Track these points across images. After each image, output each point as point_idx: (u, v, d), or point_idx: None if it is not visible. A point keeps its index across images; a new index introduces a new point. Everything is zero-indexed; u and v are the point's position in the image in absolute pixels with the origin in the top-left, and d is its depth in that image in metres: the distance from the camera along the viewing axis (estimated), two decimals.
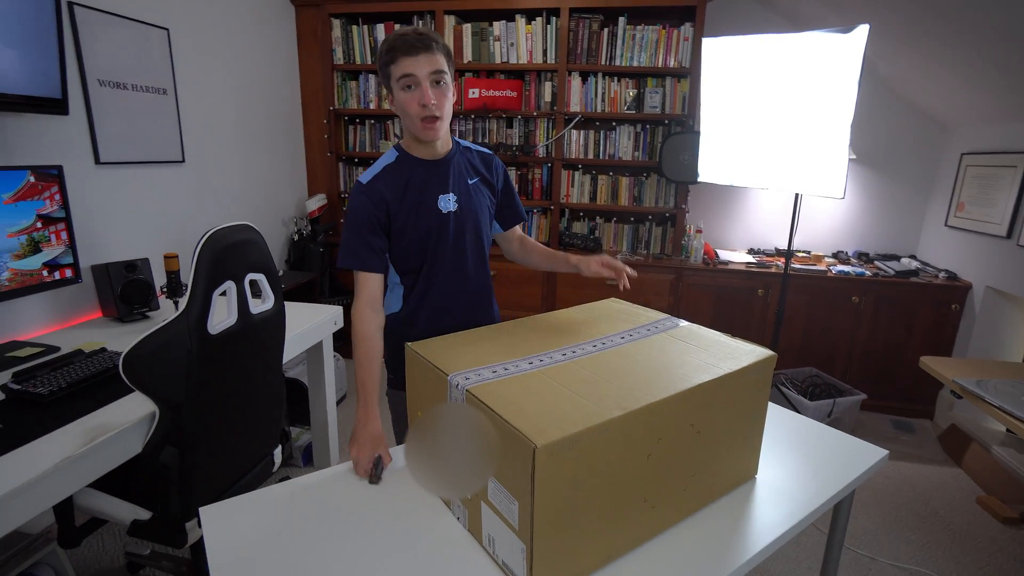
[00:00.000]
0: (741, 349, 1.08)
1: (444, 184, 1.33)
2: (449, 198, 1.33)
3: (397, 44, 1.20)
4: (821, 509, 1.09)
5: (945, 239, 3.05)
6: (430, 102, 1.22)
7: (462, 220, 1.35)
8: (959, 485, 2.43)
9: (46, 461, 1.13)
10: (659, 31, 3.02)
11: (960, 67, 2.48)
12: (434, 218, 1.32)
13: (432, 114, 1.23)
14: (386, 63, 1.23)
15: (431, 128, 1.25)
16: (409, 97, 1.22)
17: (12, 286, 1.65)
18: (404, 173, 1.31)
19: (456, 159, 1.37)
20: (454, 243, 1.35)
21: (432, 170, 1.33)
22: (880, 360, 2.96)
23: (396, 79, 1.22)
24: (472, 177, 1.39)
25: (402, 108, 1.25)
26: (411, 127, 1.28)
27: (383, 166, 1.32)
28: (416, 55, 1.19)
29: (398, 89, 1.23)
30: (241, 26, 2.86)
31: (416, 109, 1.23)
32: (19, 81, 1.66)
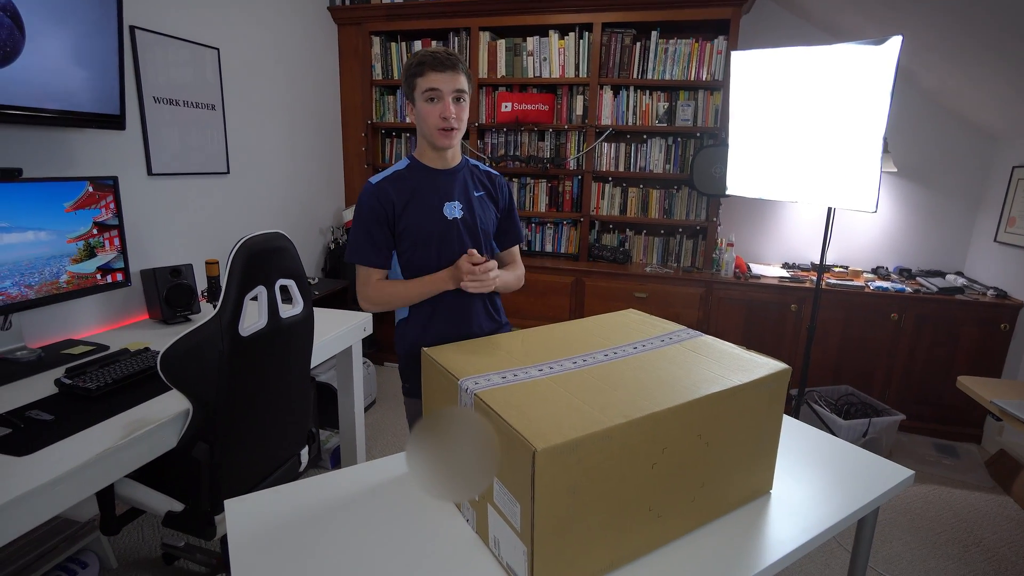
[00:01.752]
0: (754, 362, 1.08)
1: (451, 192, 1.42)
2: (455, 206, 1.42)
3: (427, 60, 1.32)
4: (838, 527, 1.06)
5: (994, 255, 2.92)
6: (451, 115, 1.33)
7: (468, 228, 1.43)
8: (1007, 514, 2.29)
9: (91, 450, 1.21)
10: (692, 44, 3.01)
11: (1011, 77, 2.38)
12: (440, 223, 1.39)
13: (451, 126, 1.34)
14: (413, 75, 1.34)
15: (447, 137, 1.36)
16: (431, 108, 1.34)
17: (69, 288, 1.78)
18: (413, 179, 1.41)
19: (463, 172, 1.47)
20: (460, 250, 1.41)
21: (440, 178, 1.42)
22: (922, 380, 2.84)
23: (422, 91, 1.33)
24: (478, 190, 1.48)
25: (422, 117, 1.35)
26: (428, 135, 1.38)
27: (394, 171, 1.42)
28: (443, 71, 1.32)
29: (421, 100, 1.34)
30: (286, 45, 3.01)
31: (436, 120, 1.34)
32: (84, 99, 1.80)
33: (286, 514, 1.05)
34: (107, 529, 1.55)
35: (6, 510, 1.04)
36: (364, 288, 1.41)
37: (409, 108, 1.41)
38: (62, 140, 1.89)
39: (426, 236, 1.38)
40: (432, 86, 1.32)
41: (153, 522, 2.10)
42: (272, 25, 2.88)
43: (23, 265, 1.64)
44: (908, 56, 2.63)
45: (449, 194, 1.42)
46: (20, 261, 1.63)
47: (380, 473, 1.18)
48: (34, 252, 1.67)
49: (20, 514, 1.07)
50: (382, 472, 1.19)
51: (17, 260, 1.63)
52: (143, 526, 2.07)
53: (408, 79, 1.36)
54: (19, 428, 1.28)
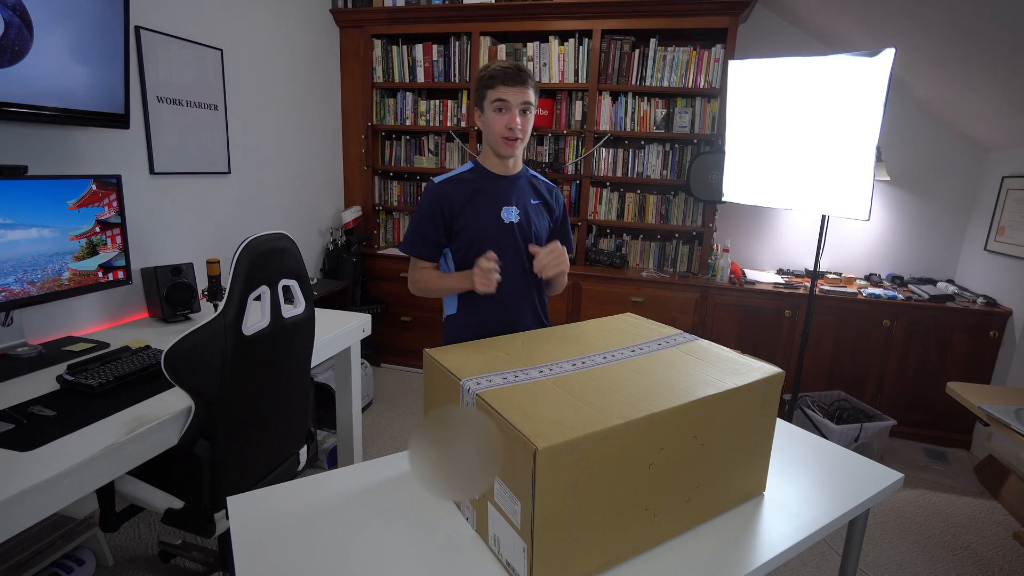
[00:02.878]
0: (749, 366, 1.10)
1: (509, 197, 1.50)
2: (512, 211, 1.50)
3: (498, 74, 1.41)
4: (829, 528, 1.09)
5: (984, 264, 2.96)
6: (516, 126, 1.43)
7: (523, 232, 1.51)
8: (995, 518, 2.33)
9: (93, 447, 1.22)
10: (690, 52, 3.05)
11: (1000, 89, 2.43)
12: (496, 226, 1.48)
13: (515, 136, 1.43)
14: (485, 86, 1.43)
15: (511, 146, 1.45)
16: (499, 118, 1.43)
17: (71, 285, 1.79)
18: (475, 182, 1.50)
19: (523, 179, 1.55)
20: (514, 253, 1.49)
21: (500, 184, 1.51)
22: (913, 386, 2.88)
23: (491, 101, 1.42)
24: (535, 198, 1.56)
25: (489, 126, 1.45)
26: (493, 142, 1.47)
27: (457, 173, 1.52)
28: (513, 85, 1.41)
29: (490, 110, 1.43)
30: (289, 46, 3.03)
31: (502, 129, 1.43)
32: (89, 98, 1.82)
33: (288, 511, 1.07)
34: (106, 526, 1.56)
35: (11, 505, 1.05)
36: (411, 274, 1.54)
37: (476, 115, 1.49)
38: (67, 138, 1.90)
39: (482, 237, 1.46)
40: (501, 97, 1.41)
41: (150, 520, 2.11)
42: (275, 27, 2.90)
43: (26, 262, 1.65)
44: (901, 67, 2.68)
45: (507, 199, 1.50)
46: (23, 258, 1.64)
47: (382, 472, 1.20)
48: (37, 249, 1.68)
49: (24, 509, 1.09)
50: (384, 471, 1.20)
51: (21, 257, 1.64)
52: (139, 524, 2.08)
53: (479, 89, 1.44)
54: (22, 424, 1.29)
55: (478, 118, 1.49)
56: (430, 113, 3.53)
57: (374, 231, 3.73)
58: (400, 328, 3.59)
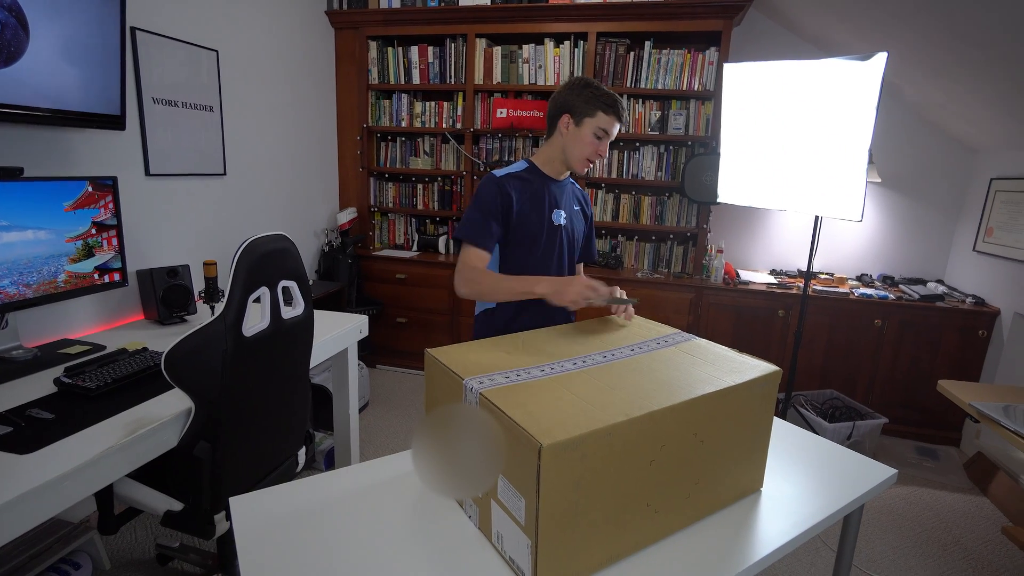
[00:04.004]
0: (747, 364, 1.12)
1: (559, 201, 1.57)
2: (561, 214, 1.56)
3: (615, 106, 1.47)
4: (825, 523, 1.11)
5: (973, 264, 3.01)
6: (604, 155, 1.52)
7: (568, 236, 1.59)
8: (984, 514, 2.37)
9: (92, 450, 1.22)
10: (684, 55, 3.08)
11: (990, 93, 2.47)
12: (548, 227, 1.53)
13: (594, 162, 1.52)
14: (597, 107, 1.45)
15: (585, 167, 1.53)
16: (593, 143, 1.48)
17: (67, 287, 1.78)
18: (532, 182, 1.54)
19: (569, 185, 1.63)
20: (558, 254, 1.56)
21: (552, 187, 1.56)
22: (904, 385, 2.92)
23: (597, 125, 1.46)
24: (576, 204, 1.64)
25: (581, 144, 1.48)
26: (573, 159, 1.52)
27: (516, 170, 1.54)
28: (620, 121, 1.49)
29: (589, 132, 1.47)
30: (284, 48, 3.03)
31: (592, 153, 1.49)
32: (84, 99, 1.81)
33: (291, 511, 1.07)
34: (105, 528, 1.55)
35: (11, 508, 1.05)
36: (468, 269, 1.46)
37: (567, 121, 1.49)
38: (62, 140, 1.89)
39: (534, 236, 1.51)
40: (607, 129, 1.47)
41: (147, 523, 2.10)
42: (270, 28, 2.90)
43: (22, 264, 1.64)
44: (893, 71, 2.72)
45: (558, 203, 1.56)
46: (19, 260, 1.64)
47: (384, 471, 1.21)
48: (33, 251, 1.67)
49: (24, 512, 1.08)
50: (386, 470, 1.21)
51: (16, 259, 1.63)
52: (136, 527, 2.07)
53: (590, 107, 1.45)
54: (20, 427, 1.28)
55: (566, 124, 1.49)
56: (425, 115, 3.54)
57: (369, 232, 3.73)
58: (396, 329, 3.59)
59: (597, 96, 1.45)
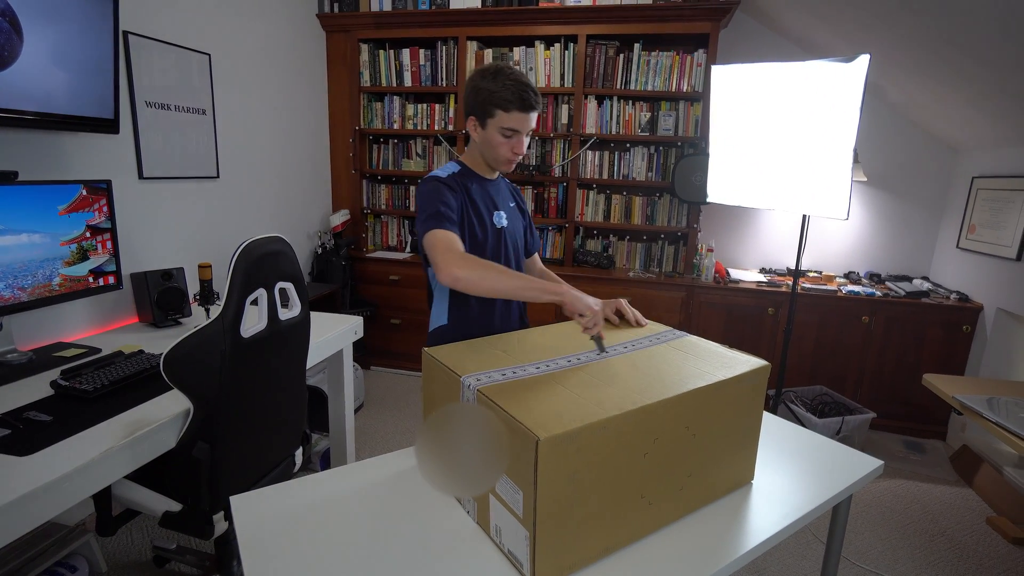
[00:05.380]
0: (737, 359, 1.15)
1: (497, 202, 1.49)
2: (501, 215, 1.48)
3: (515, 99, 1.31)
4: (815, 513, 1.14)
5: (957, 261, 3.07)
6: (522, 153, 1.40)
7: (512, 237, 1.51)
8: (969, 505, 2.42)
9: (91, 451, 1.23)
10: (673, 57, 3.12)
11: (970, 94, 2.53)
12: (491, 232, 1.46)
13: (517, 160, 1.41)
14: (496, 105, 1.32)
15: (510, 166, 1.43)
16: (504, 142, 1.37)
17: (62, 291, 1.78)
18: (467, 183, 1.44)
19: (502, 182, 1.55)
20: (505, 258, 1.48)
21: (489, 188, 1.49)
22: (891, 380, 2.97)
23: (500, 124, 1.34)
24: (511, 201, 1.56)
25: (492, 146, 1.38)
26: (492, 160, 1.43)
27: (450, 173, 1.43)
28: (528, 113, 1.34)
29: (495, 131, 1.35)
30: (276, 51, 3.04)
31: (507, 153, 1.39)
32: (78, 103, 1.82)
33: (291, 509, 1.09)
34: (103, 530, 1.56)
35: (11, 509, 1.06)
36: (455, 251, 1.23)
37: (473, 123, 1.39)
38: (56, 143, 1.89)
39: (480, 243, 1.42)
40: (514, 127, 1.34)
41: (143, 525, 2.10)
42: (262, 31, 2.91)
43: (16, 267, 1.65)
44: (876, 72, 2.77)
45: (496, 204, 1.48)
46: (14, 263, 1.64)
47: (383, 469, 1.23)
48: (28, 255, 1.67)
49: (25, 513, 1.09)
50: (385, 469, 1.23)
51: (11, 262, 1.63)
52: (132, 529, 2.07)
53: (487, 104, 1.33)
54: (18, 429, 1.29)
55: (473, 126, 1.38)
56: (417, 117, 3.56)
57: (362, 234, 3.74)
58: (390, 331, 3.60)
59: (493, 94, 1.30)
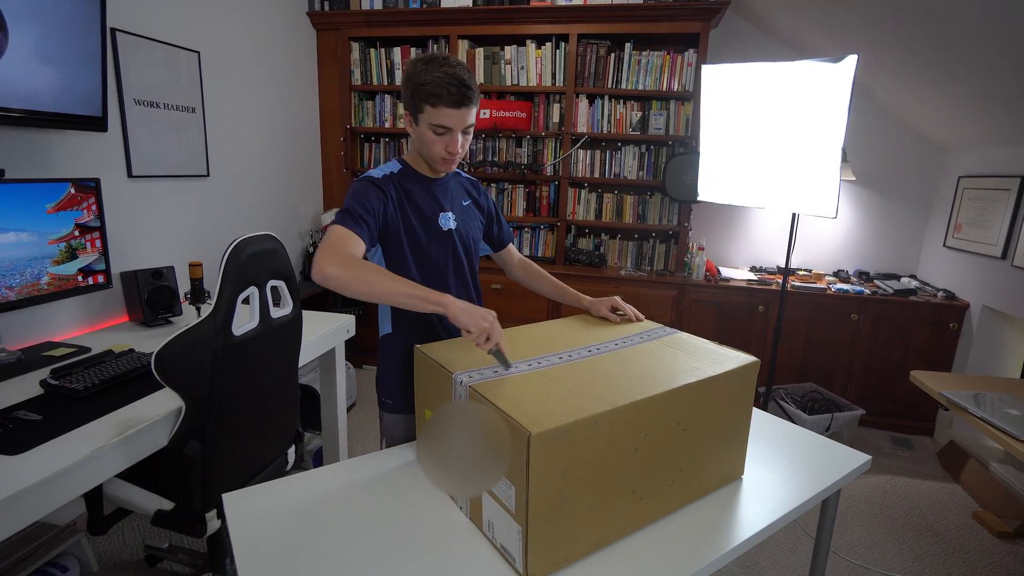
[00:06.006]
0: (726, 356, 1.16)
1: (443, 203, 1.37)
2: (449, 216, 1.37)
3: (443, 93, 1.19)
4: (804, 507, 1.16)
5: (944, 259, 3.11)
6: (457, 151, 1.27)
7: (462, 239, 1.39)
8: (956, 500, 2.46)
9: (81, 450, 1.22)
10: (664, 56, 3.13)
11: (956, 95, 2.56)
12: (437, 234, 1.35)
13: (454, 158, 1.30)
14: (424, 99, 1.21)
15: (449, 163, 1.31)
16: (437, 140, 1.25)
17: (50, 290, 1.77)
18: (407, 184, 1.33)
19: (452, 181, 1.42)
20: (454, 264, 1.39)
21: (433, 188, 1.37)
22: (879, 377, 3.01)
23: (430, 121, 1.23)
24: (465, 199, 1.45)
25: (425, 144, 1.27)
26: (429, 159, 1.31)
27: (388, 172, 1.33)
28: (460, 109, 1.21)
29: (427, 128, 1.24)
30: (266, 49, 3.02)
31: (441, 152, 1.27)
32: (66, 101, 1.80)
33: (284, 506, 1.09)
34: (95, 529, 1.55)
35: (2, 508, 1.05)
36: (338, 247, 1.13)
37: (408, 119, 1.29)
38: (44, 141, 1.88)
39: (424, 248, 1.33)
40: (442, 123, 1.22)
41: (134, 524, 2.09)
42: (252, 29, 2.89)
43: (4, 266, 1.63)
44: (863, 72, 2.80)
45: (443, 204, 1.37)
46: (1, 262, 1.62)
47: (375, 467, 1.23)
48: (15, 253, 1.66)
49: (14, 513, 1.08)
50: (377, 466, 1.23)
51: None
52: (124, 528, 2.06)
53: (415, 99, 1.23)
54: (7, 428, 1.28)
55: (408, 122, 1.29)
56: None
57: None
58: None
59: (422, 87, 1.20)
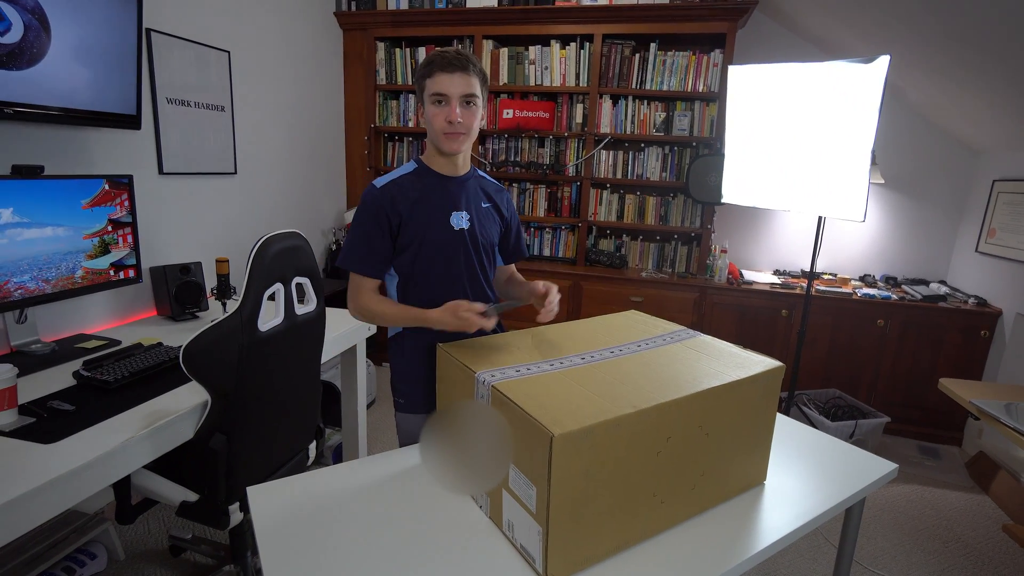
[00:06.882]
0: (751, 359, 1.15)
1: (458, 202, 1.36)
2: (462, 216, 1.36)
3: (435, 60, 1.26)
4: (827, 515, 1.14)
5: (976, 265, 3.03)
6: (456, 119, 1.27)
7: (475, 239, 1.38)
8: (985, 512, 2.39)
9: (112, 440, 1.26)
10: (689, 57, 3.10)
11: (992, 96, 2.49)
12: (447, 233, 1.34)
13: (456, 131, 1.29)
14: (422, 76, 1.30)
15: (453, 141, 1.30)
16: (438, 112, 1.28)
17: (84, 283, 1.82)
18: (421, 184, 1.34)
19: (472, 181, 1.42)
20: (466, 262, 1.37)
21: (448, 186, 1.36)
22: (906, 384, 2.94)
23: (429, 92, 1.28)
24: (485, 202, 1.44)
25: (429, 120, 1.31)
26: (435, 139, 1.33)
27: (400, 174, 1.36)
28: (452, 73, 1.25)
29: (429, 103, 1.29)
30: (294, 49, 3.07)
31: (442, 124, 1.28)
32: (102, 99, 1.85)
33: (307, 501, 1.10)
34: (123, 518, 1.59)
35: (38, 495, 1.09)
36: (356, 298, 1.34)
37: (420, 110, 1.35)
38: (80, 139, 1.93)
39: (431, 246, 1.33)
40: (439, 90, 1.26)
41: (160, 515, 2.14)
42: (281, 29, 2.94)
43: (41, 260, 1.68)
44: (895, 73, 2.74)
45: (457, 203, 1.36)
46: (39, 256, 1.68)
47: (396, 464, 1.24)
48: (52, 248, 1.71)
49: (47, 500, 1.12)
50: (398, 463, 1.24)
51: (36, 255, 1.67)
52: (149, 519, 2.11)
53: (418, 80, 1.32)
54: (42, 417, 1.32)
55: (421, 114, 1.34)
56: None
57: None
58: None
59: (420, 69, 1.30)
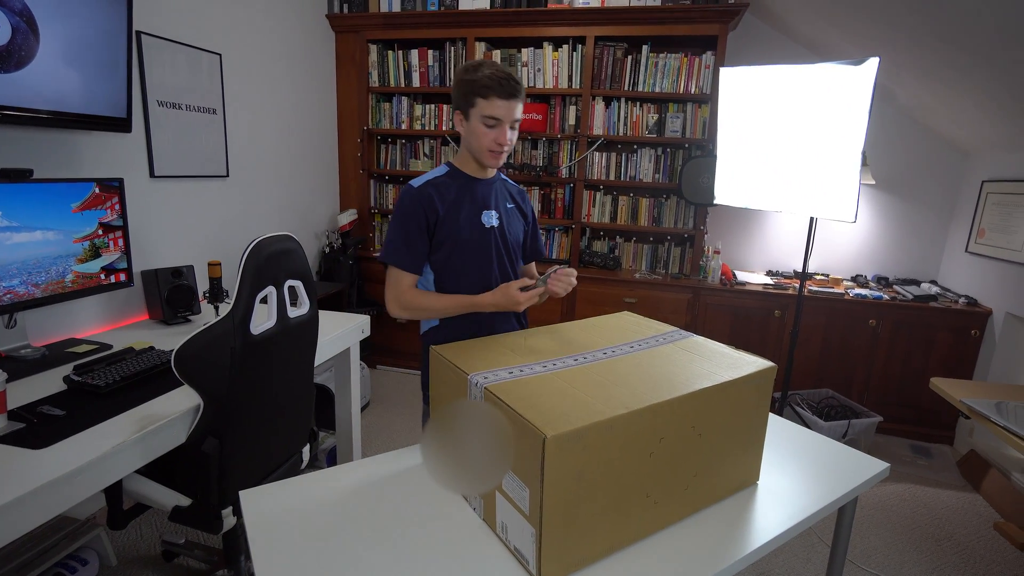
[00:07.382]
0: (743, 360, 1.16)
1: (488, 202, 1.46)
2: (492, 215, 1.46)
3: (494, 85, 1.31)
4: (819, 514, 1.14)
5: (966, 265, 3.06)
6: (507, 144, 1.37)
7: (504, 236, 1.48)
8: (976, 510, 2.41)
9: (103, 445, 1.24)
10: (681, 59, 3.12)
11: (980, 97, 2.52)
12: (478, 231, 1.43)
13: (503, 151, 1.39)
14: (475, 93, 1.32)
15: (498, 157, 1.40)
16: (488, 132, 1.35)
17: (74, 287, 1.80)
18: (454, 186, 1.44)
19: (498, 183, 1.52)
20: (496, 258, 1.47)
21: (479, 187, 1.46)
22: (898, 384, 2.96)
23: (482, 113, 1.33)
24: (509, 203, 1.53)
25: (476, 136, 1.37)
26: (478, 153, 1.40)
27: (434, 176, 1.44)
28: (509, 100, 1.32)
29: (479, 121, 1.35)
30: (286, 51, 3.06)
31: (491, 143, 1.36)
32: (92, 102, 1.84)
33: (300, 504, 1.10)
34: (114, 523, 1.58)
35: (27, 501, 1.07)
36: (397, 293, 1.40)
37: (459, 118, 1.39)
38: (69, 142, 1.92)
39: (464, 243, 1.42)
40: (495, 114, 1.32)
41: (152, 520, 2.12)
42: (272, 31, 2.93)
43: (31, 264, 1.67)
44: (885, 75, 2.76)
45: (487, 203, 1.46)
46: (28, 260, 1.66)
47: (390, 466, 1.24)
48: (41, 251, 1.70)
49: (38, 506, 1.10)
50: (391, 466, 1.24)
51: (25, 259, 1.65)
52: (142, 524, 2.09)
53: (468, 95, 1.34)
54: (32, 423, 1.31)
55: (460, 121, 1.40)
56: (425, 117, 3.57)
57: (369, 234, 3.75)
58: (396, 330, 3.62)
59: (472, 83, 1.32)
